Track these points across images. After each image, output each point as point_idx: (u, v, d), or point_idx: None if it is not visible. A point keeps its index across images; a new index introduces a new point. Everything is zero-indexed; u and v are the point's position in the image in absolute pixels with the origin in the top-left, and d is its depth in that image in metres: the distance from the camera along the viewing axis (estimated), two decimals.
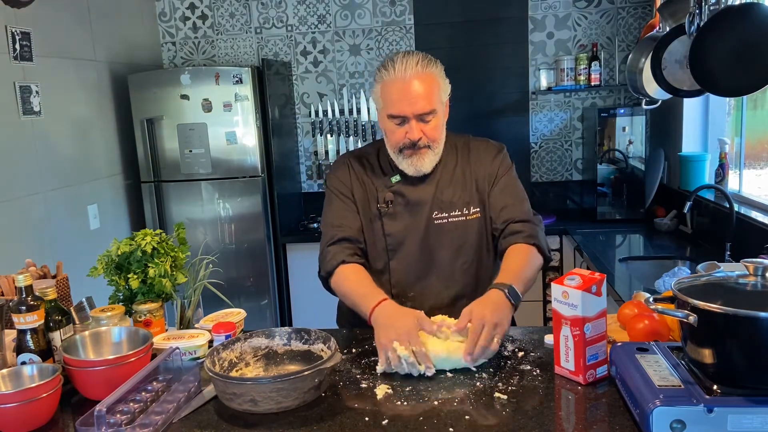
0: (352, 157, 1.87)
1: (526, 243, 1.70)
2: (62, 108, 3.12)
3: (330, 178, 1.87)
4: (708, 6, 2.01)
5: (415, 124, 1.66)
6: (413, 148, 1.69)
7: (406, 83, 1.63)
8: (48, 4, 3.02)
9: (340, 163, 1.87)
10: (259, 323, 3.61)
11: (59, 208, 3.07)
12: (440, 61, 1.72)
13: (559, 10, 3.88)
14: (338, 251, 1.74)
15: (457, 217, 1.77)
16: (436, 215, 1.77)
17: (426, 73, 1.65)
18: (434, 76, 1.67)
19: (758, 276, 1.14)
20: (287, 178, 3.97)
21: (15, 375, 1.34)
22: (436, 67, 1.69)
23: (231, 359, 1.43)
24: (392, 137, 1.71)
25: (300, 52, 4.11)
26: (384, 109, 1.69)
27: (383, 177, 1.80)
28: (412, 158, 1.71)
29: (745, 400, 1.06)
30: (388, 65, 1.66)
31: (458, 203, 1.77)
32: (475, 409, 1.25)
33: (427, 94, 1.65)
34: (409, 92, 1.63)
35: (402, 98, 1.64)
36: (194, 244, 1.87)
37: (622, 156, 3.56)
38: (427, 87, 1.65)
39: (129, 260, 1.65)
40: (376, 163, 1.83)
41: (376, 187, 1.80)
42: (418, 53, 1.69)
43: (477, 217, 1.78)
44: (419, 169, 1.73)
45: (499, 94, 3.99)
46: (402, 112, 1.65)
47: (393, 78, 1.65)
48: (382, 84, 1.68)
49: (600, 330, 1.32)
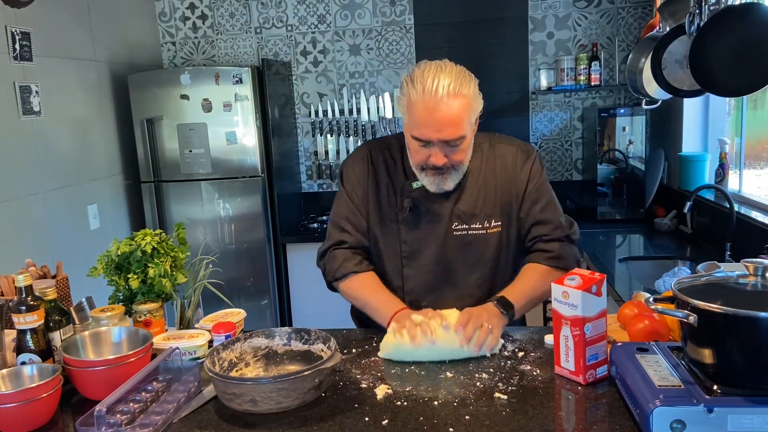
0: (375, 149, 1.75)
1: (549, 266, 1.67)
2: (62, 108, 3.12)
3: (346, 169, 1.77)
4: (708, 6, 2.01)
5: (440, 150, 1.54)
6: (436, 169, 1.59)
7: (435, 107, 1.48)
8: (48, 4, 3.02)
9: (359, 157, 1.76)
10: (259, 323, 3.61)
11: (59, 208, 3.07)
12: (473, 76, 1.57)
13: (559, 10, 3.88)
14: (347, 257, 1.72)
15: (477, 230, 1.69)
16: (456, 227, 1.68)
17: (458, 95, 1.50)
18: (467, 99, 1.52)
19: (758, 276, 1.14)
20: (287, 178, 3.97)
21: (15, 375, 1.34)
22: (469, 87, 1.53)
23: (231, 359, 1.43)
24: (415, 156, 1.60)
25: (300, 52, 4.11)
26: (408, 128, 1.57)
27: (404, 179, 1.70)
28: (434, 177, 1.61)
29: (745, 400, 1.06)
30: (417, 81, 1.51)
31: (480, 215, 1.68)
32: (475, 409, 1.25)
33: (457, 120, 1.50)
34: (437, 118, 1.49)
35: (428, 123, 1.51)
36: (194, 244, 1.87)
37: (622, 156, 3.56)
38: (457, 112, 1.50)
39: (129, 260, 1.64)
40: (399, 161, 1.72)
41: (396, 189, 1.71)
42: (453, 69, 1.53)
43: (497, 231, 1.70)
44: (441, 189, 1.64)
45: (499, 94, 3.99)
46: (427, 137, 1.53)
47: (420, 98, 1.50)
48: (408, 99, 1.54)
49: (600, 330, 1.32)
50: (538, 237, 1.70)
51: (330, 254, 1.76)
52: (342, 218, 1.76)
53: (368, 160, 1.75)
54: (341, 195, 1.77)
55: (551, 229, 1.69)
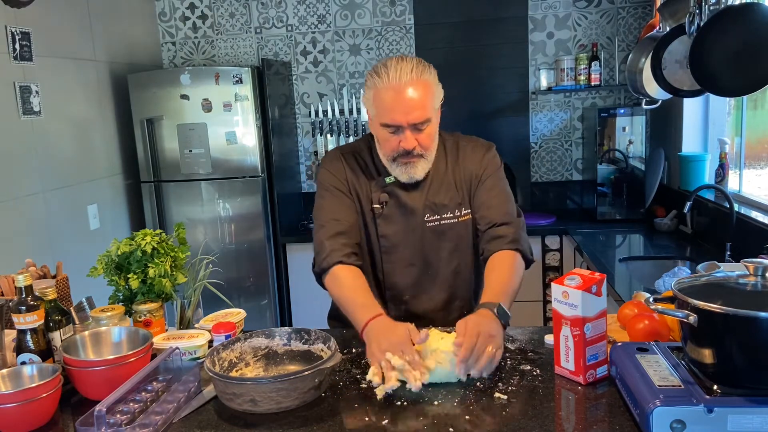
0: (345, 153, 1.80)
1: (509, 249, 1.66)
2: (62, 108, 3.12)
3: (323, 173, 1.80)
4: (708, 6, 2.01)
5: (410, 134, 1.61)
6: (407, 156, 1.65)
7: (401, 91, 1.57)
8: (48, 4, 3.02)
9: (333, 158, 1.80)
10: (259, 323, 3.61)
11: (59, 208, 3.07)
12: (435, 63, 1.66)
13: (559, 10, 3.88)
14: (335, 248, 1.68)
15: (449, 219, 1.74)
16: (428, 218, 1.74)
17: (421, 80, 1.59)
18: (429, 83, 1.61)
19: (758, 276, 1.13)
20: (287, 178, 3.97)
21: (15, 375, 1.34)
22: (430, 73, 1.63)
23: (231, 359, 1.43)
24: (386, 145, 1.66)
25: (300, 52, 4.11)
26: (377, 117, 1.64)
27: (377, 176, 1.76)
28: (405, 166, 1.67)
29: (745, 400, 1.06)
30: (381, 71, 1.60)
31: (450, 205, 1.74)
32: (475, 410, 1.25)
33: (423, 102, 1.59)
34: (404, 101, 1.58)
35: (396, 107, 1.58)
36: (194, 244, 1.87)
37: (622, 156, 3.56)
38: (422, 95, 1.59)
39: (129, 260, 1.65)
40: (370, 161, 1.78)
41: (370, 187, 1.75)
42: (412, 59, 1.62)
43: (468, 218, 1.75)
44: (412, 177, 1.69)
45: (499, 94, 3.99)
46: (396, 121, 1.60)
47: (386, 85, 1.58)
48: (374, 91, 1.62)
49: (600, 330, 1.32)
50: (491, 222, 1.71)
51: (321, 244, 1.71)
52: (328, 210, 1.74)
53: (342, 161, 1.78)
54: (323, 194, 1.77)
55: (503, 213, 1.71)
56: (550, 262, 3.56)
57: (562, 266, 3.55)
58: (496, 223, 1.70)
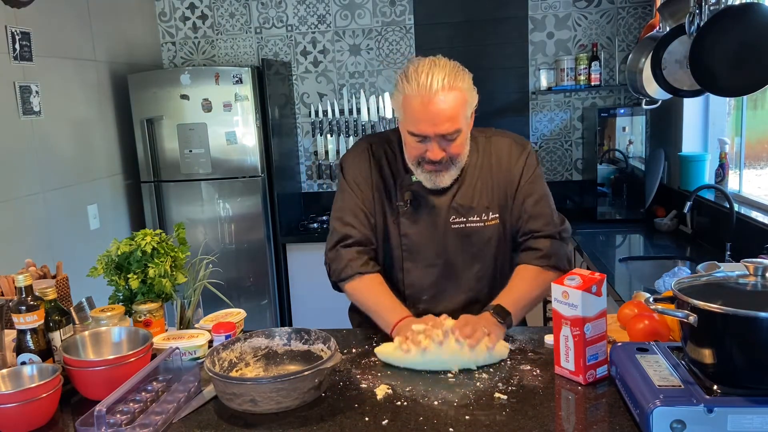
0: (374, 143, 1.74)
1: (539, 266, 1.66)
2: (62, 108, 3.12)
3: (346, 163, 1.75)
4: (708, 6, 2.01)
5: (437, 145, 1.54)
6: (433, 164, 1.58)
7: (430, 101, 1.49)
8: (48, 4, 3.02)
9: (359, 150, 1.74)
10: (259, 323, 3.61)
11: (59, 208, 3.07)
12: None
13: (559, 10, 3.88)
14: (353, 258, 1.67)
15: (475, 222, 1.68)
16: (454, 219, 1.68)
17: (453, 88, 1.50)
18: (461, 92, 1.52)
19: (758, 276, 1.13)
20: (287, 178, 3.97)
21: (15, 375, 1.33)
22: (464, 80, 1.54)
23: (231, 359, 1.43)
24: (411, 151, 1.60)
25: (300, 52, 4.11)
26: (404, 124, 1.57)
27: (404, 172, 1.69)
28: (430, 174, 1.60)
29: (745, 400, 1.06)
30: (412, 77, 1.51)
31: (477, 208, 1.68)
32: (475, 409, 1.25)
33: (453, 114, 1.51)
34: (432, 112, 1.49)
35: (424, 118, 1.51)
36: (194, 244, 1.86)
37: (622, 156, 3.56)
38: (452, 106, 1.50)
39: (129, 260, 1.64)
40: (399, 155, 1.70)
41: (396, 182, 1.70)
42: (446, 64, 1.54)
43: (495, 223, 1.70)
44: (437, 185, 1.63)
45: (499, 94, 3.99)
46: (423, 132, 1.53)
47: (415, 93, 1.50)
48: (403, 96, 1.54)
49: (600, 330, 1.32)
50: (529, 233, 1.69)
51: (336, 253, 1.71)
52: (345, 212, 1.72)
53: (369, 152, 1.73)
54: (343, 189, 1.73)
55: (542, 224, 1.68)
56: None
57: None
58: (535, 234, 1.68)
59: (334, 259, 1.71)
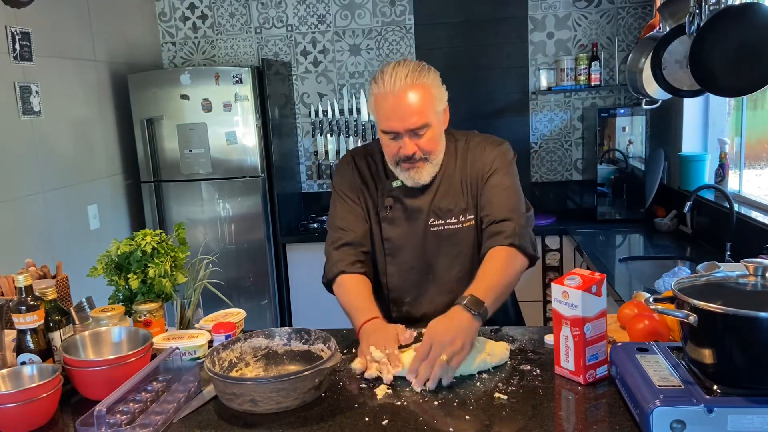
0: (357, 156, 1.82)
1: (504, 245, 1.61)
2: (62, 108, 3.12)
3: (336, 177, 1.84)
4: (708, 6, 2.01)
5: (408, 140, 1.60)
6: (409, 161, 1.64)
7: (396, 97, 1.56)
8: (48, 4, 3.02)
9: (344, 163, 1.83)
10: (259, 323, 3.61)
11: (59, 208, 3.07)
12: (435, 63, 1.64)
13: (559, 10, 3.88)
14: (340, 258, 1.71)
15: (453, 224, 1.73)
16: (433, 222, 1.73)
17: (417, 84, 1.57)
18: (426, 87, 1.59)
19: (758, 276, 1.13)
20: (287, 178, 3.97)
21: (15, 375, 1.33)
22: (428, 76, 1.60)
23: (231, 359, 1.43)
24: (387, 151, 1.67)
25: (300, 52, 4.11)
26: (378, 124, 1.64)
27: (386, 180, 1.77)
28: (409, 171, 1.66)
29: (745, 400, 1.06)
30: (378, 78, 1.59)
31: (455, 210, 1.72)
32: (475, 410, 1.25)
33: (419, 108, 1.57)
34: (399, 107, 1.56)
35: (392, 114, 1.57)
36: (194, 244, 1.87)
37: (622, 156, 3.56)
38: (418, 100, 1.57)
39: (129, 260, 1.65)
40: (381, 164, 1.78)
41: (378, 190, 1.77)
42: (410, 63, 1.60)
43: (471, 224, 1.73)
44: (417, 182, 1.68)
45: (499, 94, 3.99)
46: (393, 128, 1.59)
47: (383, 92, 1.57)
48: (374, 97, 1.62)
49: (600, 330, 1.32)
50: (492, 218, 1.66)
51: (327, 254, 1.77)
52: (337, 217, 1.79)
53: (352, 164, 1.81)
54: (334, 199, 1.82)
55: (504, 210, 1.66)
56: (550, 262, 3.56)
57: (562, 266, 3.55)
58: (496, 219, 1.65)
59: (326, 261, 1.77)
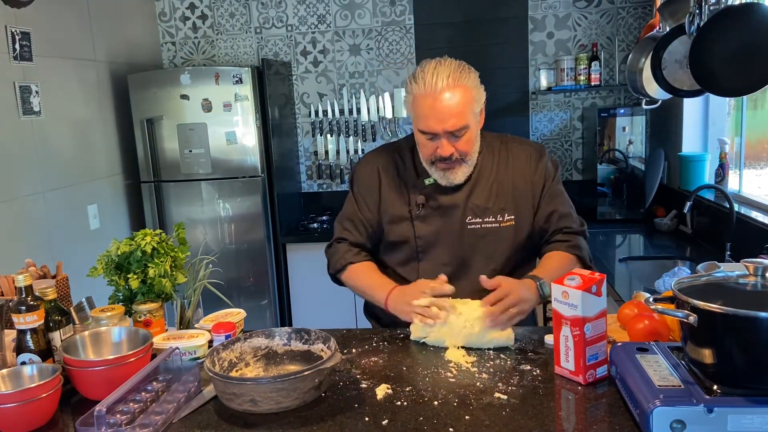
0: (386, 153, 1.83)
1: (568, 252, 1.72)
2: (62, 108, 3.12)
3: (356, 173, 1.86)
4: (708, 6, 2.01)
5: (446, 141, 1.61)
6: (445, 161, 1.65)
7: (436, 98, 1.57)
8: (48, 4, 3.02)
9: (369, 162, 1.84)
10: (259, 323, 3.61)
11: (59, 208, 3.07)
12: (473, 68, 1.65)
13: (559, 10, 3.88)
14: (347, 250, 1.82)
15: (490, 223, 1.74)
16: (470, 220, 1.74)
17: (458, 86, 1.58)
18: (467, 89, 1.60)
19: (758, 276, 1.13)
20: (287, 178, 3.97)
21: (15, 375, 1.34)
22: (469, 77, 1.61)
23: (231, 359, 1.43)
24: (424, 150, 1.68)
25: (300, 52, 4.11)
26: (415, 123, 1.65)
27: (416, 178, 1.76)
28: (444, 171, 1.67)
29: (745, 400, 1.06)
30: (419, 77, 1.60)
31: (493, 209, 1.73)
32: (475, 409, 1.25)
33: (459, 109, 1.58)
34: (440, 108, 1.57)
35: (431, 115, 1.58)
36: (194, 244, 1.87)
37: (622, 156, 3.56)
38: (459, 102, 1.58)
39: (129, 260, 1.64)
40: (410, 162, 1.79)
41: (408, 189, 1.77)
42: (452, 63, 1.62)
43: (511, 224, 1.74)
44: (451, 182, 1.70)
45: (499, 94, 3.99)
46: (432, 129, 1.60)
47: (422, 92, 1.58)
48: (412, 96, 1.62)
49: (600, 330, 1.32)
50: (559, 230, 1.76)
51: (333, 248, 1.86)
52: (345, 218, 1.85)
53: (377, 164, 1.82)
54: (349, 197, 1.87)
55: (571, 222, 1.77)
56: None
57: None
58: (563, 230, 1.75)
59: (331, 254, 1.86)
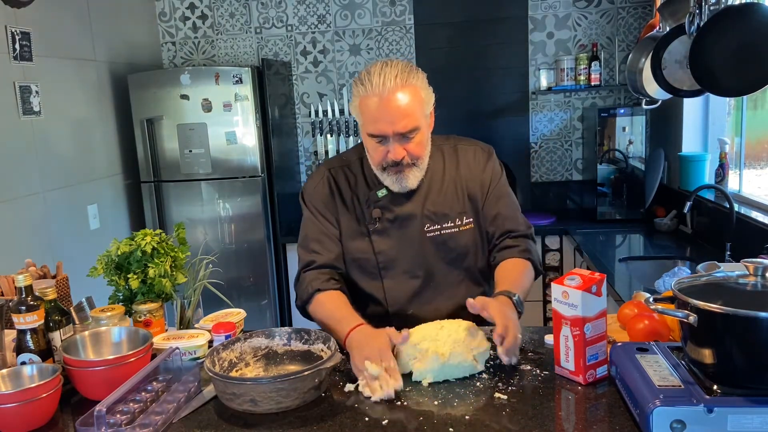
0: (333, 169, 1.73)
1: (520, 257, 1.66)
2: (62, 108, 3.12)
3: (307, 192, 1.73)
4: (708, 6, 2.01)
5: (397, 144, 1.54)
6: (396, 166, 1.58)
7: (385, 100, 1.49)
8: (48, 4, 3.02)
9: (318, 178, 1.73)
10: (259, 323, 3.61)
11: (59, 208, 3.07)
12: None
13: (559, 10, 3.88)
14: (313, 278, 1.65)
15: (450, 228, 1.68)
16: (428, 228, 1.68)
17: (407, 86, 1.51)
18: (416, 89, 1.53)
19: (758, 276, 1.13)
20: (287, 178, 3.97)
21: (15, 375, 1.34)
22: (417, 77, 1.55)
23: (231, 359, 1.43)
24: (374, 155, 1.59)
25: (300, 52, 4.11)
26: (364, 127, 1.57)
27: (368, 190, 1.69)
28: (396, 176, 1.60)
29: (745, 400, 1.06)
30: (365, 79, 1.52)
31: (451, 214, 1.68)
32: (475, 410, 1.25)
33: (409, 110, 1.51)
34: (389, 110, 1.50)
35: (381, 117, 1.51)
36: (194, 244, 1.87)
37: (622, 156, 3.56)
38: (408, 103, 1.51)
39: (129, 260, 1.65)
40: (360, 174, 1.71)
41: (361, 203, 1.69)
42: (398, 63, 1.54)
43: (470, 227, 1.70)
44: (404, 187, 1.62)
45: (499, 94, 3.99)
46: (382, 131, 1.53)
47: (370, 93, 1.51)
48: (359, 99, 1.55)
49: (600, 330, 1.32)
50: (506, 233, 1.70)
51: (300, 278, 1.69)
52: (308, 240, 1.70)
53: (328, 179, 1.72)
54: (307, 217, 1.73)
55: (516, 224, 1.72)
56: (550, 262, 3.56)
57: (562, 266, 3.55)
58: (511, 234, 1.70)
59: (298, 285, 1.70)
